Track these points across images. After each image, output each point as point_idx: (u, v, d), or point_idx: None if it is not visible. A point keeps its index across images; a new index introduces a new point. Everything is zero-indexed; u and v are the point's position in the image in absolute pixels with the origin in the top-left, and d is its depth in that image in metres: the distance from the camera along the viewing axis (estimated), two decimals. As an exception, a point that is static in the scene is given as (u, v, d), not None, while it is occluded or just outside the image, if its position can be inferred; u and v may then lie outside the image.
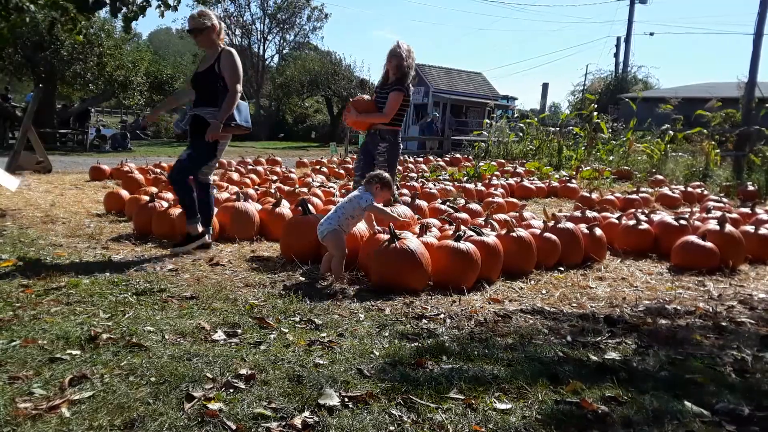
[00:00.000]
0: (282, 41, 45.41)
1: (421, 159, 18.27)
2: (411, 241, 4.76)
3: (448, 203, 7.78)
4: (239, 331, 3.54)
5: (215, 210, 6.26)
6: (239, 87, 5.66)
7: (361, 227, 5.34)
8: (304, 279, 4.95)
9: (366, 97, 6.61)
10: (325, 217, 5.06)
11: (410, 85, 6.32)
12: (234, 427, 2.35)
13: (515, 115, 31.35)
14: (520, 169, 14.51)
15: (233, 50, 5.72)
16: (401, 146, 6.45)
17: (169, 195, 7.59)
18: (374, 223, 5.20)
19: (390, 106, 6.14)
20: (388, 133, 6.36)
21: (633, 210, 8.07)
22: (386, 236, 4.89)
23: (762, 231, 6.50)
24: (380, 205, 5.13)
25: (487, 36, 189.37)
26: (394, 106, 6.13)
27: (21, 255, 5.26)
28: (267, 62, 45.20)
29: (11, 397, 2.54)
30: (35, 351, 3.07)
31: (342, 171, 14.49)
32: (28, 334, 3.29)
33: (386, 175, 5.21)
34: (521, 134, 20.83)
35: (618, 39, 41.05)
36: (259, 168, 13.66)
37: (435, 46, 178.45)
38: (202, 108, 5.74)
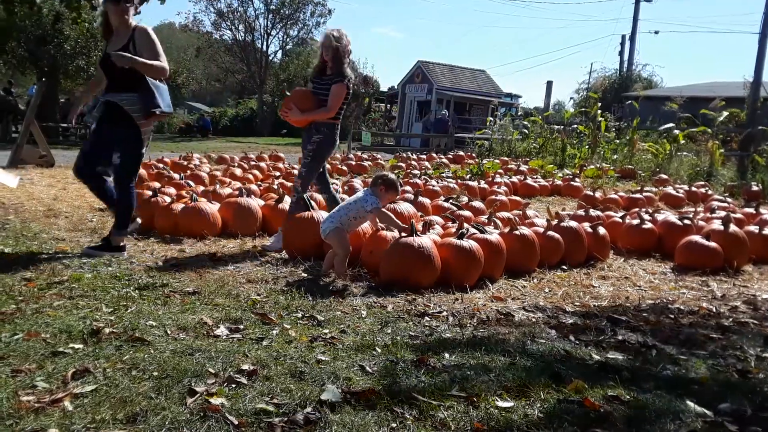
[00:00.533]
0: (285, 37, 45.28)
1: (424, 156, 18.27)
2: (423, 238, 4.76)
3: (451, 201, 7.77)
4: (241, 326, 3.54)
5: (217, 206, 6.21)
6: (165, 62, 5.19)
7: (364, 224, 5.33)
8: (306, 275, 4.94)
9: (302, 88, 6.29)
10: (328, 215, 5.05)
11: (350, 74, 5.92)
12: (236, 422, 2.35)
13: (519, 113, 31.37)
14: (523, 167, 14.51)
15: (148, 27, 5.26)
16: (337, 141, 6.10)
17: (172, 190, 7.60)
18: (377, 220, 5.16)
19: (333, 100, 5.71)
20: (324, 126, 5.92)
21: (637, 209, 8.05)
22: (389, 233, 4.90)
23: (766, 231, 6.49)
24: (385, 210, 5.10)
25: (491, 33, 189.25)
26: (337, 101, 5.74)
27: (24, 249, 5.26)
28: (270, 58, 45.10)
29: (14, 390, 2.54)
30: (38, 344, 3.07)
31: (345, 167, 14.48)
32: (30, 328, 3.29)
33: (391, 176, 5.16)
34: (525, 132, 20.83)
35: (623, 37, 41.00)
36: (262, 164, 13.67)
37: (438, 44, 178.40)
38: (115, 94, 5.12)
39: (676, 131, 16.58)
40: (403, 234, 4.79)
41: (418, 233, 4.77)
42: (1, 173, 8.54)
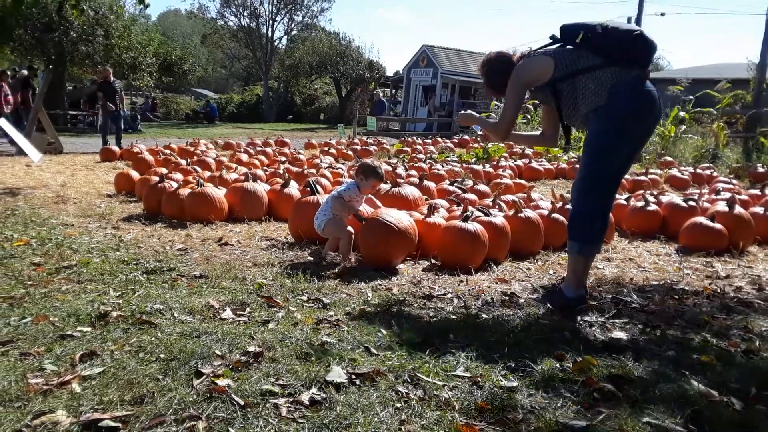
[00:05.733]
0: (290, 22, 45.14)
1: (429, 141, 18.23)
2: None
3: (456, 184, 7.77)
4: (248, 309, 3.57)
5: (223, 191, 6.24)
6: None
7: (368, 209, 5.34)
8: (312, 258, 4.96)
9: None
10: (318, 210, 5.04)
11: None
12: (242, 403, 2.38)
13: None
14: (528, 151, 14.46)
15: None
16: None
17: (179, 176, 7.63)
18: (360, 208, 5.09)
19: None
20: None
21: (642, 191, 8.04)
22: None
23: (772, 212, 6.47)
24: (358, 199, 5.03)
25: (498, 17, 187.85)
26: None
27: (33, 234, 5.30)
28: (275, 44, 44.98)
29: (23, 372, 2.57)
30: (46, 328, 3.10)
31: (350, 152, 14.48)
32: (39, 312, 3.32)
33: (370, 162, 5.12)
34: (529, 116, 20.73)
35: (628, 19, 40.61)
36: (268, 149, 13.69)
37: (445, 28, 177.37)
38: None
39: (681, 113, 16.49)
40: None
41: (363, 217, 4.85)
42: (28, 146, 8.59)
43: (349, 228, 4.87)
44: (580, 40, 3.84)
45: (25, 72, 18.30)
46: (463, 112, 4.60)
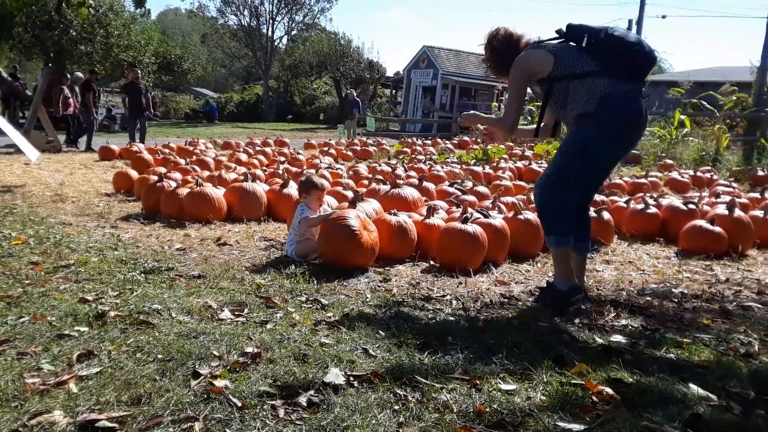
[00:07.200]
0: (291, 22, 45.16)
1: (429, 142, 18.22)
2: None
3: (455, 185, 7.76)
4: (246, 310, 3.56)
5: (222, 190, 6.24)
6: None
7: (367, 208, 5.32)
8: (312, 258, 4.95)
9: None
10: (288, 239, 5.08)
11: None
12: (239, 404, 2.36)
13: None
14: (528, 153, 14.46)
15: None
16: None
17: (177, 175, 7.62)
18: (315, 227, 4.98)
19: None
20: None
21: (641, 194, 8.03)
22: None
23: (771, 216, 6.46)
24: (312, 215, 4.98)
25: (499, 18, 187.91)
26: None
27: (31, 233, 5.29)
28: (275, 43, 44.99)
29: (19, 372, 2.56)
30: (44, 327, 3.09)
31: (350, 153, 14.47)
32: (36, 311, 3.31)
33: (306, 178, 5.19)
34: (529, 118, 20.73)
35: (630, 21, 40.55)
36: (267, 149, 13.69)
37: (445, 28, 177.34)
38: None
39: (683, 116, 16.49)
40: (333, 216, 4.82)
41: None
42: (26, 145, 8.60)
43: (313, 241, 4.91)
44: (585, 44, 3.85)
45: (80, 75, 18.44)
46: (466, 112, 4.59)
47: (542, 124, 4.35)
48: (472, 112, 4.58)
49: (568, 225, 3.99)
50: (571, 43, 3.96)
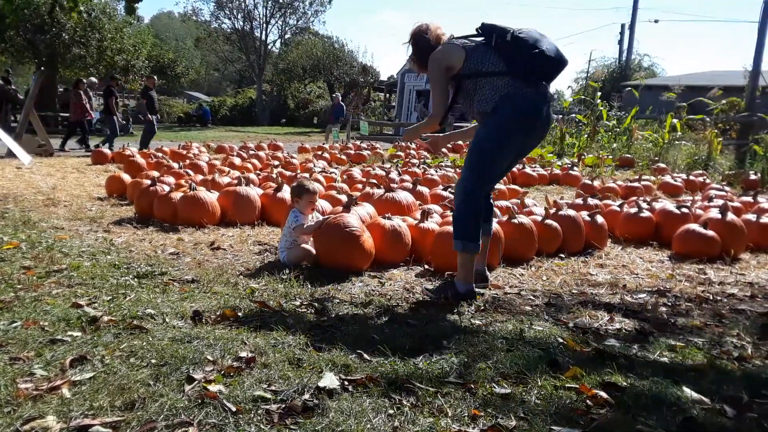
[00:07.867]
0: (284, 26, 45.18)
1: (423, 145, 18.22)
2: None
3: (449, 189, 7.77)
4: (240, 314, 3.55)
5: (216, 194, 6.23)
6: None
7: (362, 212, 5.32)
8: (305, 264, 4.94)
9: None
10: (279, 244, 5.07)
11: None
12: (234, 409, 2.36)
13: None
14: (522, 156, 14.46)
15: None
16: None
17: (171, 179, 7.60)
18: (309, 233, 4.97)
19: None
20: None
21: (635, 198, 8.05)
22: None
23: (763, 219, 6.49)
24: (306, 221, 4.98)
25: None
26: None
27: (23, 237, 5.27)
28: (269, 47, 44.99)
29: (12, 377, 2.55)
30: (36, 332, 3.07)
31: (344, 157, 14.48)
32: (29, 316, 3.30)
33: (295, 184, 5.18)
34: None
35: (622, 26, 40.93)
36: (261, 153, 13.69)
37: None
38: None
39: (675, 120, 16.55)
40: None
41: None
42: (18, 149, 8.60)
43: (306, 246, 4.90)
44: (493, 44, 3.99)
45: (94, 80, 18.52)
46: (406, 128, 4.74)
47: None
48: (410, 127, 4.70)
49: (478, 232, 4.12)
50: (484, 42, 4.07)
